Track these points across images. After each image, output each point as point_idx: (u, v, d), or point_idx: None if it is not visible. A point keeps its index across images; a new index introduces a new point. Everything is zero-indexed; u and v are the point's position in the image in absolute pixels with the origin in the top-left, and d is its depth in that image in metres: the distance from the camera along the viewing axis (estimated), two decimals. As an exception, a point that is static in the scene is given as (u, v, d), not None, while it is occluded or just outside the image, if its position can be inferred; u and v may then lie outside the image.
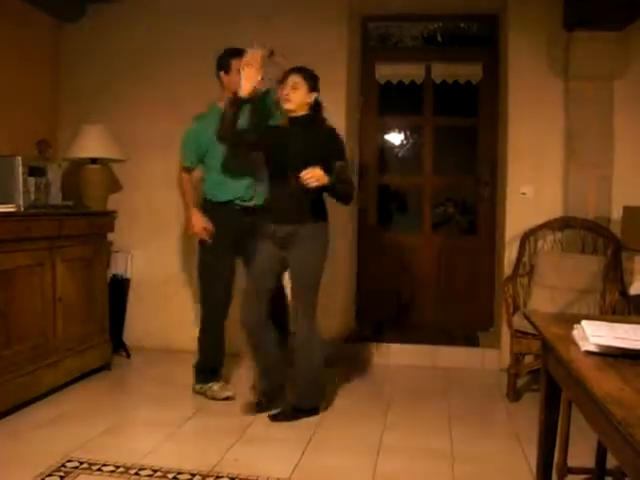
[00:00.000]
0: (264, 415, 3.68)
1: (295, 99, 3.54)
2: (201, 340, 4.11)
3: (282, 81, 3.63)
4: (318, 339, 3.70)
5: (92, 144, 4.73)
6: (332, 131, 3.65)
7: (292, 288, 3.70)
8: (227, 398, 3.99)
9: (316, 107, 3.62)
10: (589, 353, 1.79)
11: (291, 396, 3.76)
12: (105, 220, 4.59)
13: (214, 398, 4.00)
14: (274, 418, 3.65)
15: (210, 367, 4.10)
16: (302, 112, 3.58)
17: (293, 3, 4.96)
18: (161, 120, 5.01)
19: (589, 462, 2.72)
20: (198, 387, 4.10)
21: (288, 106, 3.56)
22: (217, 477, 2.92)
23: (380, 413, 3.85)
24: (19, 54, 4.73)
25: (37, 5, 4.82)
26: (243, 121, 3.71)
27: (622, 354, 1.75)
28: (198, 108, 4.02)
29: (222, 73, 3.92)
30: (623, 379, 1.56)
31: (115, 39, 5.15)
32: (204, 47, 4.77)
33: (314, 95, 3.58)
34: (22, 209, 3.87)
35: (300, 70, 3.59)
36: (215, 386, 4.05)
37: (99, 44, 5.18)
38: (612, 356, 1.76)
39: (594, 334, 1.84)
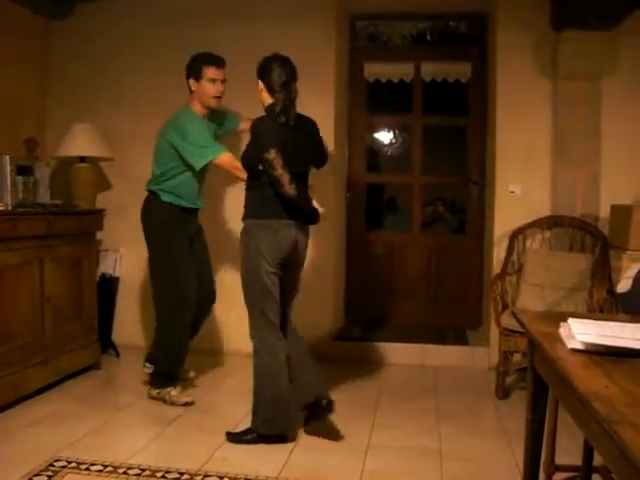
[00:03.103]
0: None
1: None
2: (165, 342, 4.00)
3: None
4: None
5: (80, 143, 4.71)
6: None
7: None
8: (186, 404, 3.87)
9: None
10: (575, 351, 1.80)
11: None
12: (94, 219, 4.57)
13: (173, 404, 3.86)
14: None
15: (170, 371, 3.96)
16: None
17: (279, 2, 4.96)
18: (149, 118, 4.98)
19: (576, 459, 2.74)
20: (155, 392, 3.93)
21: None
22: (205, 476, 2.91)
23: (369, 411, 3.85)
24: (6, 52, 4.70)
25: (25, 4, 4.79)
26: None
27: (608, 352, 1.76)
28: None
29: (192, 81, 3.83)
30: (608, 377, 1.57)
31: (103, 38, 5.13)
32: (190, 47, 4.75)
33: None
34: (10, 208, 3.85)
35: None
36: (173, 391, 3.90)
37: (87, 42, 5.16)
38: (598, 354, 1.76)
39: (580, 332, 1.84)
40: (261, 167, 3.23)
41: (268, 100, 3.34)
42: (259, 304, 3.32)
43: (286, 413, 3.35)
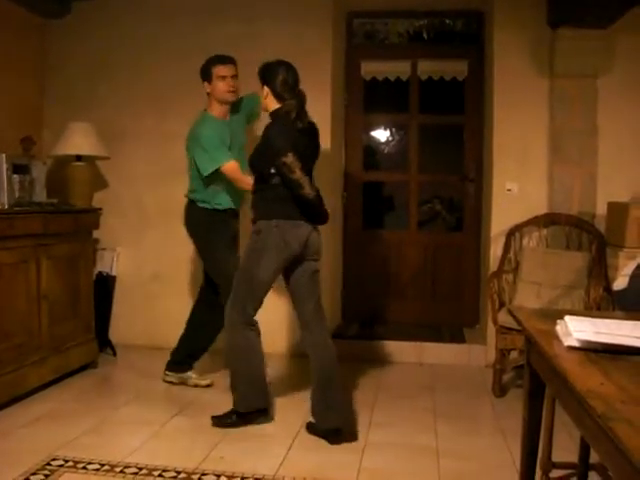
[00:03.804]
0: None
1: None
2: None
3: None
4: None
5: (77, 141, 4.70)
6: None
7: None
8: (208, 385, 4.18)
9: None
10: (571, 348, 1.80)
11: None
12: (90, 217, 4.57)
13: (197, 385, 4.18)
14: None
15: (190, 356, 4.27)
16: None
17: (277, 1, 4.95)
18: (146, 117, 5.00)
19: (573, 457, 2.74)
20: (177, 376, 4.24)
21: None
22: (202, 474, 2.91)
23: (366, 410, 3.85)
24: (3, 51, 4.68)
25: (22, 3, 4.78)
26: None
27: (604, 349, 1.76)
28: (182, 105, 4.02)
29: (206, 84, 3.92)
30: (604, 374, 1.57)
31: (100, 36, 5.12)
32: (188, 46, 4.78)
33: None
34: (6, 206, 3.85)
35: None
36: (194, 374, 4.24)
37: (84, 41, 5.14)
38: (595, 351, 1.76)
39: (577, 329, 1.84)
40: (273, 170, 3.26)
41: (274, 105, 3.36)
42: (245, 300, 3.41)
43: (261, 389, 3.52)
